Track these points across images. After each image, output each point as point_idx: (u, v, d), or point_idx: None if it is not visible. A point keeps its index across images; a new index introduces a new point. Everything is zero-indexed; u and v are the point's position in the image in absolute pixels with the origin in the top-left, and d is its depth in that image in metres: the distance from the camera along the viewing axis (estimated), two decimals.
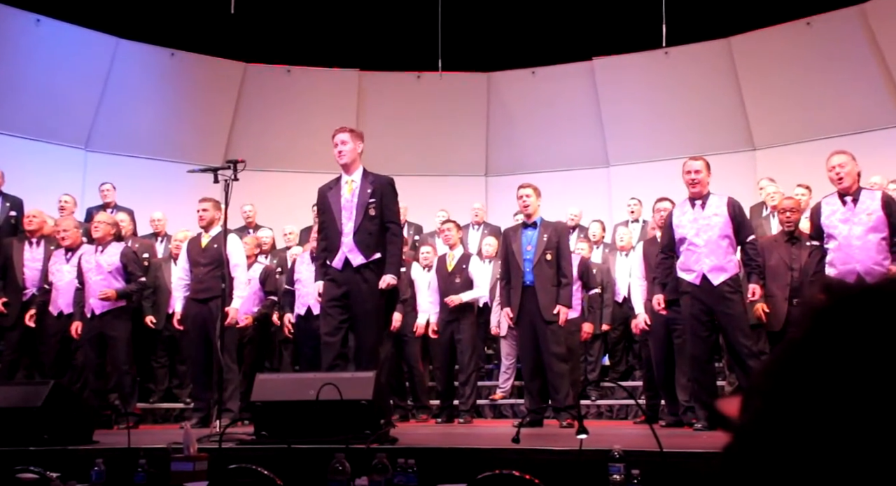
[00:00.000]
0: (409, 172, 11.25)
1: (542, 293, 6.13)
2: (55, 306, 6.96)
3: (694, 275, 5.50)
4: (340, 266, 5.23)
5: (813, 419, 0.58)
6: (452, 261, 7.33)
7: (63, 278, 6.94)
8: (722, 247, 5.49)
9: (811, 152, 9.76)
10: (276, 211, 9.95)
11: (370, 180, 5.34)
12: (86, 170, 10.63)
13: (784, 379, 0.62)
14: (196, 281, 6.57)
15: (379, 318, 5.29)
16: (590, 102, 11.63)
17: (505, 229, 6.87)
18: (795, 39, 10.28)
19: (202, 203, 6.74)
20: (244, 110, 11.69)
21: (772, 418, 0.61)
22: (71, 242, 6.99)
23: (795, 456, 0.58)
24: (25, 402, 4.71)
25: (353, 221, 5.23)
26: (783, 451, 0.59)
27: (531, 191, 6.35)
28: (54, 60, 10.23)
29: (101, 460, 3.70)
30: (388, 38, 11.60)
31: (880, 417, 0.56)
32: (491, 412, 8.07)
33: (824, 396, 0.58)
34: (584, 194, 10.81)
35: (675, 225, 5.68)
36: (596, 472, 3.30)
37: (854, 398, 0.57)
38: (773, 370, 0.63)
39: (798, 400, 0.59)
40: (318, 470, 3.37)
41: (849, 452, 0.56)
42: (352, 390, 4.25)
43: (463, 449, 4.15)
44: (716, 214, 5.55)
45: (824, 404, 0.58)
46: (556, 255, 6.21)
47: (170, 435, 4.80)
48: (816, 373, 0.60)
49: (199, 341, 6.53)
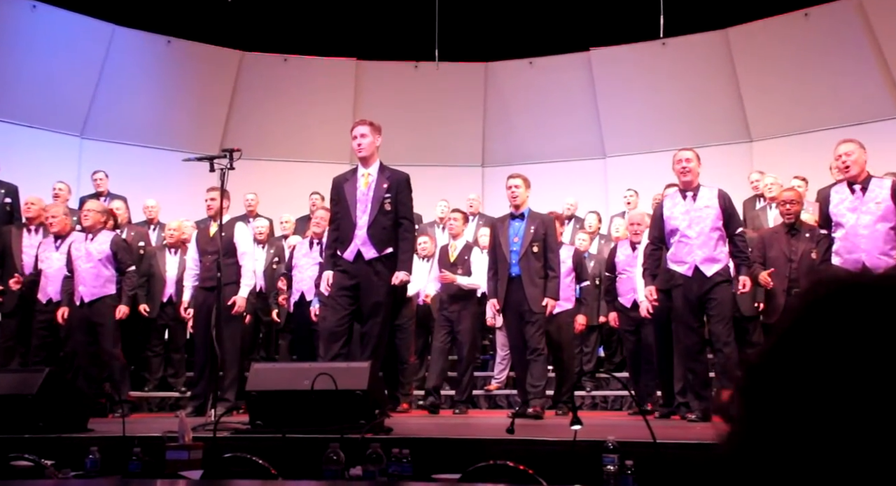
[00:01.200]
0: (405, 162, 11.17)
1: (528, 286, 6.09)
2: (44, 293, 6.93)
3: (686, 266, 5.51)
4: (352, 258, 5.25)
5: (801, 410, 0.59)
6: (455, 251, 7.29)
7: (52, 265, 6.90)
8: (713, 239, 5.51)
9: (808, 144, 9.78)
10: (272, 200, 9.92)
11: (387, 175, 5.36)
12: (81, 157, 10.59)
13: (773, 370, 0.62)
14: (204, 270, 6.57)
15: (388, 311, 5.31)
16: (587, 93, 11.61)
17: (493, 220, 6.81)
18: (793, 31, 10.26)
19: (210, 192, 6.72)
20: (241, 99, 11.65)
21: (761, 410, 0.61)
22: (59, 228, 6.93)
23: (787, 447, 0.59)
24: (20, 389, 4.71)
25: (367, 214, 5.25)
26: (775, 441, 0.59)
27: (520, 181, 6.30)
28: (50, 47, 10.18)
29: (95, 448, 3.70)
30: (385, 28, 11.57)
31: (866, 408, 0.56)
32: (486, 402, 8.09)
33: (811, 388, 0.59)
34: (581, 185, 10.80)
35: (666, 216, 5.67)
36: (590, 463, 3.30)
37: (839, 390, 0.57)
38: (763, 362, 0.64)
39: (785, 393, 0.60)
40: (313, 460, 3.37)
41: (837, 443, 0.56)
42: (347, 380, 4.25)
43: (457, 440, 4.16)
44: (707, 205, 5.56)
45: (810, 397, 0.58)
46: (542, 247, 6.16)
47: (164, 424, 4.80)
48: (803, 365, 0.60)
49: (206, 329, 6.46)
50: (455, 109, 11.93)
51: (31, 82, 10.09)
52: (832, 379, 0.58)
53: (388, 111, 11.69)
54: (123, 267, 6.72)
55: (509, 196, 6.33)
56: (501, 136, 12.00)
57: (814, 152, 9.06)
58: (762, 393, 0.61)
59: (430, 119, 11.79)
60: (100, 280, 6.64)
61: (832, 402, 0.57)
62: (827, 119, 9.76)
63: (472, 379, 7.44)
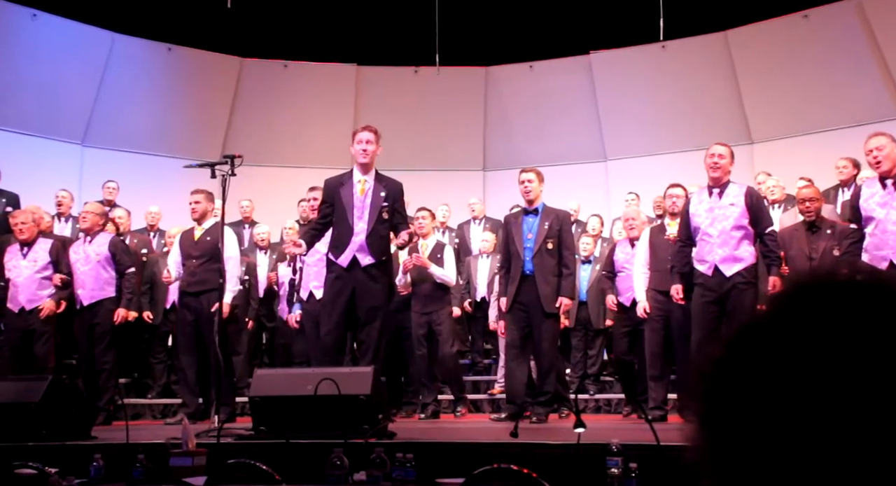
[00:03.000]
0: (406, 167, 11.22)
1: (542, 284, 5.86)
2: (14, 302, 6.65)
3: (706, 266, 5.39)
4: (346, 264, 5.24)
5: (759, 404, 0.59)
6: (426, 251, 6.98)
7: (21, 273, 6.64)
8: (735, 238, 5.34)
9: (809, 146, 9.77)
10: (273, 206, 9.93)
11: (384, 184, 5.38)
12: (82, 165, 10.61)
13: (733, 366, 0.62)
14: (188, 274, 6.42)
15: (384, 316, 5.30)
16: (587, 96, 11.62)
17: (505, 216, 6.58)
18: (792, 32, 10.26)
19: (194, 195, 6.59)
20: (241, 105, 11.66)
21: (721, 406, 0.61)
22: (28, 235, 6.68)
23: (745, 445, 0.59)
24: (24, 397, 4.71)
25: (365, 222, 5.25)
26: (733, 439, 0.60)
27: (534, 175, 6.09)
28: (51, 55, 10.20)
29: (99, 455, 3.71)
30: (385, 33, 11.58)
31: (829, 405, 0.56)
32: (489, 406, 8.08)
33: (772, 382, 0.59)
34: (582, 189, 10.79)
35: (691, 213, 5.55)
36: (594, 466, 3.30)
37: (800, 387, 0.57)
38: (725, 356, 0.64)
39: (743, 388, 0.60)
40: (317, 465, 3.37)
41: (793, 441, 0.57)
42: (350, 386, 4.26)
43: (461, 444, 4.16)
44: (732, 203, 5.40)
45: (770, 391, 0.58)
46: (557, 244, 5.97)
47: (168, 431, 4.80)
48: (764, 359, 0.60)
49: (190, 335, 6.39)
50: (456, 113, 11.94)
51: (32, 91, 10.10)
52: (792, 375, 0.58)
53: (389, 116, 11.71)
54: (123, 269, 6.59)
55: (522, 191, 6.13)
56: (502, 140, 12.00)
57: (815, 154, 9.07)
58: (722, 387, 0.61)
59: (431, 124, 11.80)
60: (99, 283, 6.55)
61: (792, 399, 0.57)
62: (827, 120, 9.76)
63: (462, 382, 7.29)
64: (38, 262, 6.60)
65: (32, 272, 6.60)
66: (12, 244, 6.85)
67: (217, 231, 6.37)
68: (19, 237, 6.73)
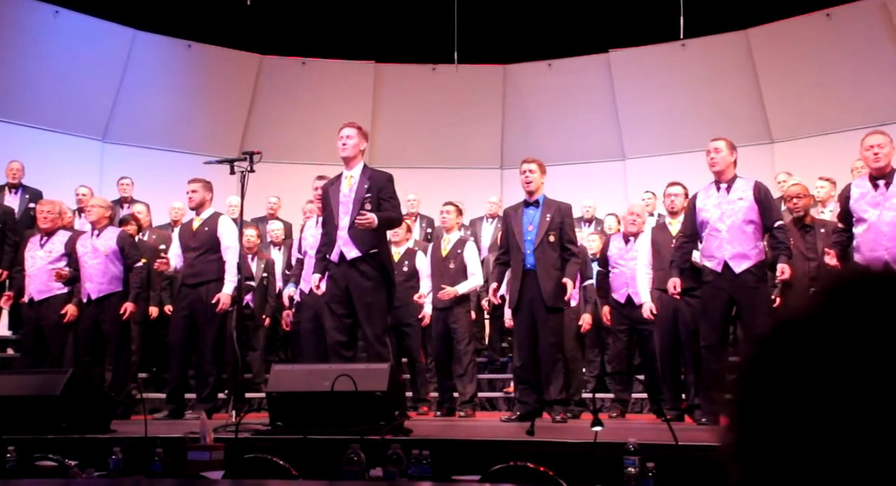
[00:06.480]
0: (424, 165, 11.26)
1: (543, 278, 5.71)
2: (26, 293, 6.69)
3: (715, 262, 5.30)
4: (336, 259, 5.30)
5: (795, 403, 0.58)
6: (447, 245, 7.01)
7: (35, 263, 6.66)
8: (746, 233, 5.26)
9: (830, 145, 9.69)
10: (291, 202, 9.96)
11: (368, 176, 5.40)
12: (103, 161, 10.69)
13: (768, 364, 0.61)
14: (187, 266, 6.36)
15: (382, 308, 5.32)
16: (606, 95, 11.58)
17: (505, 209, 6.40)
18: (814, 31, 10.18)
19: (191, 184, 6.50)
20: (260, 102, 11.71)
21: (756, 403, 0.61)
22: (50, 225, 6.70)
23: (779, 444, 0.58)
24: (44, 390, 4.75)
25: (348, 215, 5.27)
26: (768, 439, 0.59)
27: (535, 166, 5.93)
28: (72, 52, 10.29)
29: (118, 448, 3.73)
30: (403, 30, 11.59)
31: (864, 404, 0.55)
32: (505, 404, 8.08)
33: (807, 381, 0.58)
34: (600, 187, 10.76)
35: (698, 208, 5.46)
36: (611, 465, 3.29)
37: (837, 384, 0.57)
38: (759, 355, 0.63)
39: (780, 387, 0.59)
40: (333, 461, 3.38)
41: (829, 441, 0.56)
42: (367, 382, 4.27)
43: (477, 441, 4.16)
44: (741, 198, 5.32)
45: (805, 389, 0.58)
46: (559, 236, 5.83)
47: (186, 425, 4.83)
48: (801, 358, 0.59)
49: (184, 327, 6.33)
50: (474, 111, 11.93)
51: (53, 87, 10.19)
52: (841, 372, 0.57)
53: (407, 114, 11.75)
54: (131, 262, 6.50)
55: (523, 182, 5.96)
56: (520, 138, 11.97)
57: (836, 153, 8.98)
58: (761, 385, 0.61)
59: (449, 121, 11.80)
60: (107, 276, 6.46)
61: (826, 397, 0.56)
62: (849, 120, 9.67)
63: (476, 380, 7.20)
64: (52, 253, 6.64)
65: (46, 263, 6.62)
66: (34, 235, 6.93)
67: (215, 221, 6.38)
68: (41, 226, 6.77)
